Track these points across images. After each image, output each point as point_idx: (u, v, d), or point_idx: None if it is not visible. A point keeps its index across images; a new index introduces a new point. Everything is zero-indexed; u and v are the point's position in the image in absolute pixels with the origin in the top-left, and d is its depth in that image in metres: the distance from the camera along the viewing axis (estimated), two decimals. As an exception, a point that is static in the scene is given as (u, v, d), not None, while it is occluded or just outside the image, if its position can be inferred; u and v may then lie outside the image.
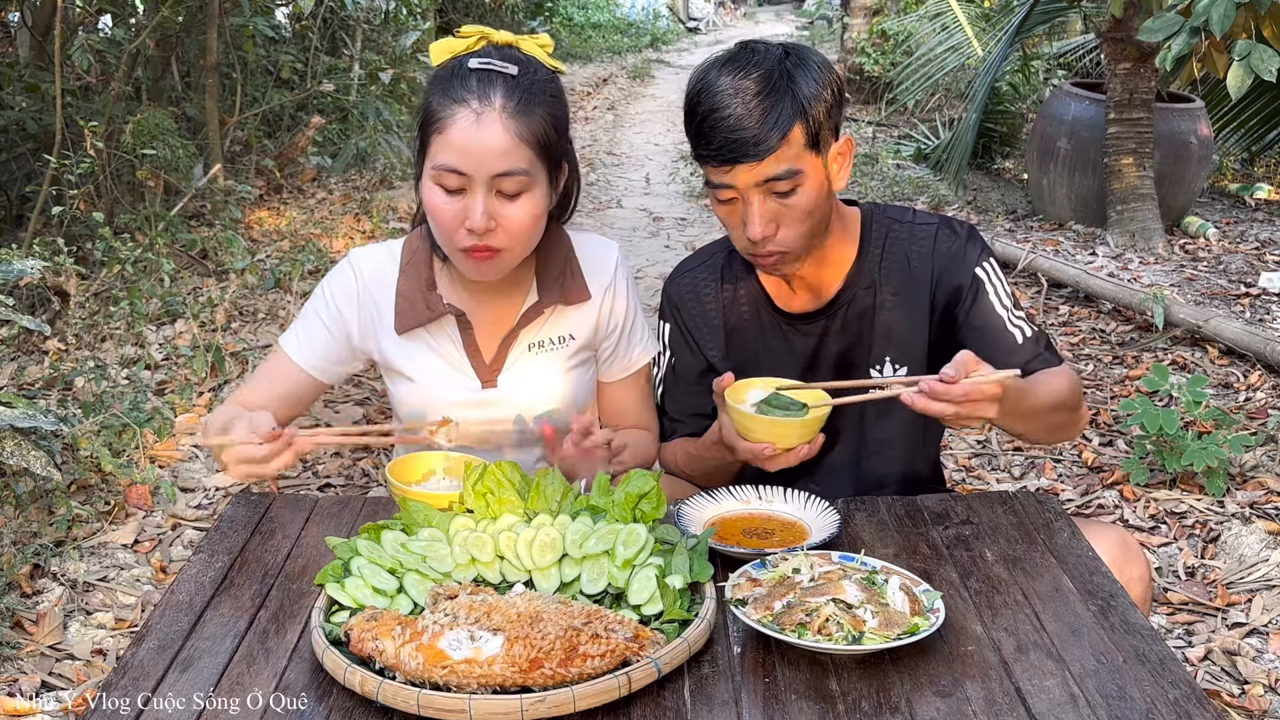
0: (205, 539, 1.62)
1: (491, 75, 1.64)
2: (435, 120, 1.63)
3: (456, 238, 1.66)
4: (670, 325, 1.94)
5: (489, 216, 1.63)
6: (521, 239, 1.69)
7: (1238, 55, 3.74)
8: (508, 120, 1.61)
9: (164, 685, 1.27)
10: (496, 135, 1.61)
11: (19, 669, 2.45)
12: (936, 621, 1.31)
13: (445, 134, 1.62)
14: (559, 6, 14.50)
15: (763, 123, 1.63)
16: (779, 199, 1.68)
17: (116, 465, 3.03)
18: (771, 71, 1.65)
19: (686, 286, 1.94)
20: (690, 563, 1.39)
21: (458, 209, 1.64)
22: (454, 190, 1.64)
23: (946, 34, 8.07)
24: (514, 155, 1.62)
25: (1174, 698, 1.23)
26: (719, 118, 1.64)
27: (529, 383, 1.83)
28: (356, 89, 6.83)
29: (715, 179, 1.69)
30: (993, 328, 1.81)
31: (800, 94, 1.65)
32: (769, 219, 1.68)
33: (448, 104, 1.63)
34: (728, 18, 22.55)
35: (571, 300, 1.84)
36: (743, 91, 1.64)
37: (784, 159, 1.64)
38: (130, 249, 4.16)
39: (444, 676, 1.21)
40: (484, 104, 1.61)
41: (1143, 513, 3.19)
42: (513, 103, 1.62)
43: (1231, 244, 5.82)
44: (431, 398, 1.83)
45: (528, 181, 1.64)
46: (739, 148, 1.63)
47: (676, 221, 6.84)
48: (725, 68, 1.68)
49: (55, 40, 4.43)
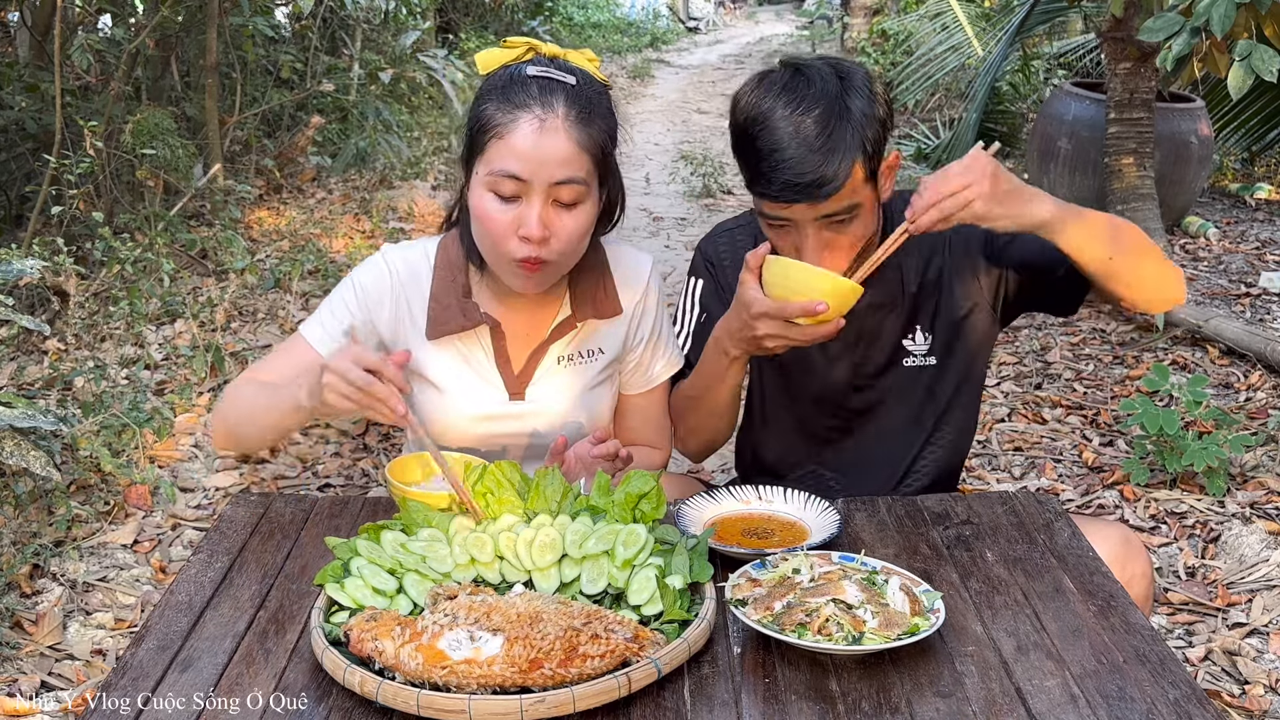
0: (205, 539, 1.62)
1: (552, 84, 1.63)
2: (494, 126, 1.61)
3: (509, 246, 1.63)
4: (703, 281, 1.94)
5: (544, 225, 1.61)
6: (571, 250, 1.67)
7: (1238, 55, 3.74)
8: (571, 128, 1.60)
9: (164, 685, 1.27)
10: (560, 143, 1.60)
11: (19, 669, 2.45)
12: (936, 622, 1.31)
13: (506, 139, 1.60)
14: (559, 6, 14.50)
15: (825, 166, 1.62)
16: (835, 227, 1.69)
17: (116, 465, 3.03)
18: (830, 107, 1.64)
19: (724, 244, 1.95)
20: (690, 563, 1.39)
21: (511, 217, 1.62)
22: (509, 197, 1.62)
23: (946, 34, 8.07)
24: (575, 164, 1.61)
25: (1174, 698, 1.23)
26: (780, 159, 1.63)
27: (555, 396, 1.82)
28: (356, 89, 6.83)
29: (771, 212, 1.69)
30: (1032, 238, 1.73)
31: (859, 128, 1.64)
32: (822, 246, 1.69)
33: (508, 109, 1.61)
34: (728, 17, 22.54)
35: (604, 314, 1.82)
36: (803, 132, 1.63)
37: (843, 197, 1.65)
38: (130, 249, 4.16)
39: (444, 677, 1.21)
40: (548, 111, 1.60)
41: (1143, 513, 3.19)
42: (575, 111, 1.61)
43: (1232, 244, 5.82)
44: (457, 409, 1.80)
45: (584, 191, 1.63)
46: (801, 190, 1.63)
47: (676, 221, 6.83)
48: (780, 98, 1.66)
49: (55, 40, 4.43)
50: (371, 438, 3.68)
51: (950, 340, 1.88)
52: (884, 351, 1.89)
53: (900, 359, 1.89)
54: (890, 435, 1.92)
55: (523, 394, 1.81)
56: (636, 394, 1.92)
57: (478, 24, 10.90)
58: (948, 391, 1.91)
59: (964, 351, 1.90)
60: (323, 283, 4.82)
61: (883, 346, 1.88)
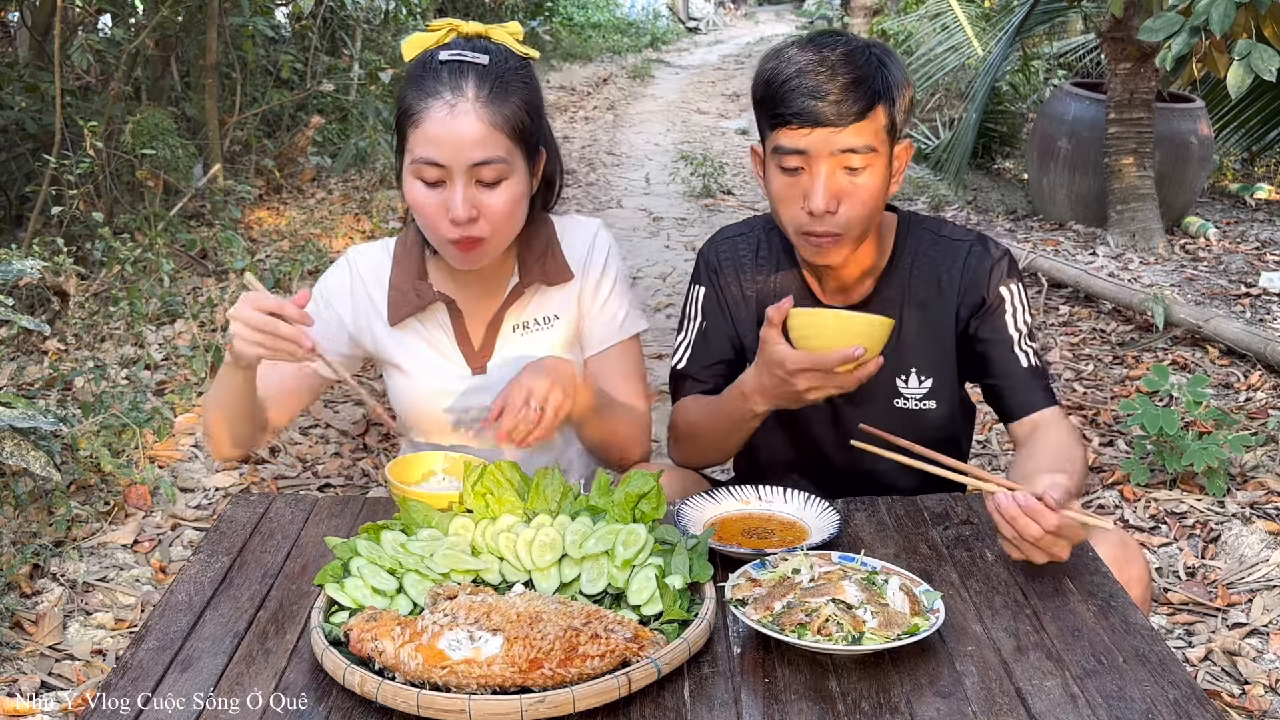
0: (205, 539, 1.62)
1: (463, 66, 1.65)
2: (411, 115, 1.65)
3: (441, 229, 1.67)
4: (705, 289, 1.91)
5: (470, 206, 1.64)
6: (503, 226, 1.70)
7: (1238, 55, 3.74)
8: (481, 109, 1.63)
9: (164, 685, 1.27)
10: (471, 125, 1.62)
11: (19, 669, 2.45)
12: (936, 622, 1.31)
13: (421, 127, 1.64)
14: (559, 6, 14.50)
15: (850, 91, 1.61)
16: (848, 175, 1.65)
17: (116, 465, 3.03)
18: (859, 51, 1.64)
19: (725, 250, 1.91)
20: (690, 563, 1.39)
21: (439, 201, 1.65)
22: (433, 183, 1.65)
23: (946, 34, 8.06)
24: (490, 143, 1.63)
25: (1174, 698, 1.23)
26: (804, 81, 1.61)
27: (516, 366, 1.81)
28: (356, 89, 6.83)
29: (788, 143, 1.64)
30: (1000, 343, 1.81)
31: (888, 79, 1.64)
32: (833, 194, 1.65)
33: (421, 97, 1.64)
34: (728, 18, 22.54)
35: (553, 280, 1.85)
36: (831, 60, 1.62)
37: (864, 133, 1.62)
38: (130, 249, 4.16)
39: (443, 677, 1.21)
40: (457, 95, 1.63)
41: (1143, 513, 3.19)
42: (485, 91, 1.63)
43: (1232, 244, 5.82)
44: (424, 389, 1.85)
45: (505, 169, 1.66)
46: (824, 112, 1.60)
47: (676, 221, 6.83)
48: (809, 44, 1.66)
49: (55, 40, 4.43)
50: (371, 438, 3.68)
51: (938, 385, 1.86)
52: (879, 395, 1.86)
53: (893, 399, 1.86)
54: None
55: (484, 368, 1.85)
56: (598, 353, 1.92)
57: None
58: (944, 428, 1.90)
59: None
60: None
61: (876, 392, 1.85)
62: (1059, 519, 1.42)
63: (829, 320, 1.60)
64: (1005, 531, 1.45)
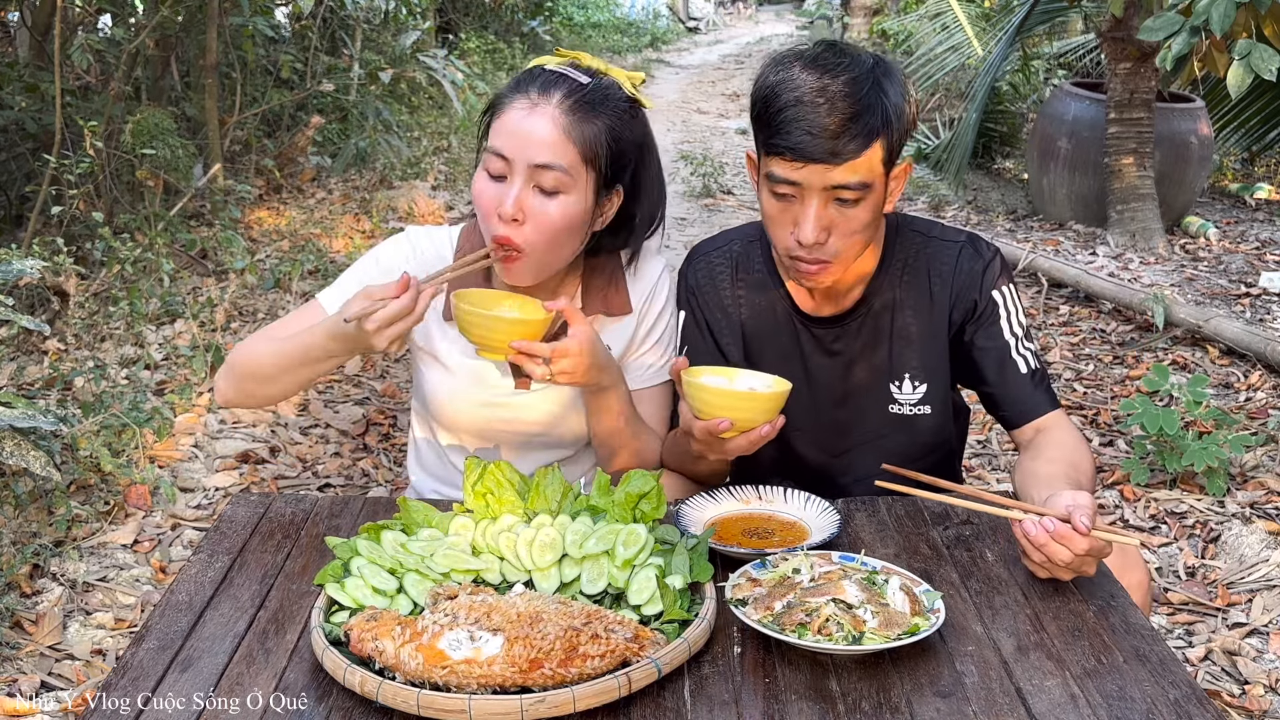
0: (205, 539, 1.62)
1: (561, 78, 1.67)
2: (496, 106, 1.68)
3: (490, 221, 1.67)
4: (685, 314, 1.89)
5: (519, 206, 1.63)
6: (546, 239, 1.66)
7: (1238, 55, 3.74)
8: (560, 116, 1.63)
9: (164, 685, 1.27)
10: (545, 127, 1.63)
11: (19, 669, 2.45)
12: (936, 622, 1.31)
13: (500, 118, 1.66)
14: (559, 6, 14.50)
15: (848, 128, 1.56)
16: (839, 207, 1.62)
17: (116, 465, 3.03)
18: (862, 78, 1.59)
19: (702, 270, 1.89)
20: (690, 563, 1.39)
21: (496, 194, 1.65)
22: (497, 176, 1.66)
23: (946, 34, 8.06)
24: (557, 150, 1.63)
25: (1174, 698, 1.23)
26: (803, 113, 1.57)
27: (559, 391, 1.82)
28: (356, 89, 6.82)
29: (781, 173, 1.61)
30: (998, 350, 1.80)
31: (888, 108, 1.59)
32: (823, 226, 1.62)
33: (510, 94, 1.67)
34: (735, 18, 22.51)
35: (614, 311, 1.83)
36: (830, 92, 1.57)
37: (858, 170, 1.59)
38: (130, 249, 4.16)
39: (444, 677, 1.21)
40: (543, 98, 1.65)
41: (1143, 513, 3.19)
42: (570, 103, 1.64)
43: (1232, 244, 5.82)
44: (464, 392, 1.83)
45: (566, 182, 1.64)
46: (818, 149, 1.57)
47: (676, 221, 6.83)
48: (812, 65, 1.61)
49: (55, 40, 4.42)
50: (372, 438, 3.68)
51: (933, 389, 1.85)
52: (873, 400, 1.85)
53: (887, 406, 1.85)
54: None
55: (528, 385, 1.82)
56: (640, 389, 1.91)
57: (478, 24, 10.90)
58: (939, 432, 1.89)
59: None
60: (323, 282, 4.82)
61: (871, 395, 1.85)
62: (1089, 543, 1.40)
63: (700, 393, 1.57)
64: (1035, 557, 1.44)
